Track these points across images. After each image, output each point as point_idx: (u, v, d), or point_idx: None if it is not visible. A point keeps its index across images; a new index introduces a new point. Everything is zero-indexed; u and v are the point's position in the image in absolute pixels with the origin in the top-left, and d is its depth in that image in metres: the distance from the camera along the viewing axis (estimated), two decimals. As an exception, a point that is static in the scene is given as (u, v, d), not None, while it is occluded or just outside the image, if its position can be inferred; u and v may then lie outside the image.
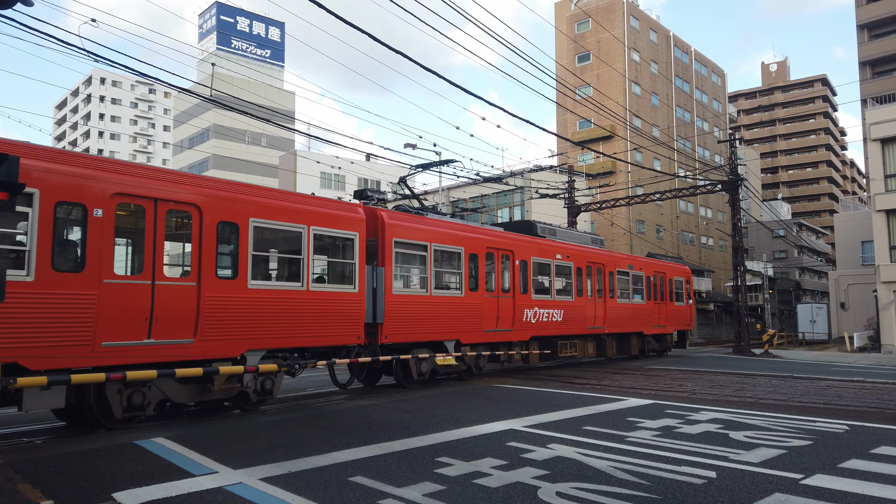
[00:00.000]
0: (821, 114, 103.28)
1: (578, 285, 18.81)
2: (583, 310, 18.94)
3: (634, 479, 6.04)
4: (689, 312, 26.22)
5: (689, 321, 26.24)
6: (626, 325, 21.40)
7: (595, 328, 19.59)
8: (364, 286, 11.86)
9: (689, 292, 26.05)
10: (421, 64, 13.23)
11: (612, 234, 56.93)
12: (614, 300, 20.53)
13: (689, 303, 26.01)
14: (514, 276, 16.00)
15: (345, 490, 5.70)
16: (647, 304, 22.70)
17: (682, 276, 25.91)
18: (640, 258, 24.16)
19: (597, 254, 20.04)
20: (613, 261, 20.81)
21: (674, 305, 24.69)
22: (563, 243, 18.58)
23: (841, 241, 49.32)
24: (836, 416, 9.84)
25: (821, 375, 17.82)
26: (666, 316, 24.03)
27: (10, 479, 6.10)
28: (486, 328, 15.07)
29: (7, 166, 5.68)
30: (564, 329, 18.04)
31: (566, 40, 65.31)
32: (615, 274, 20.66)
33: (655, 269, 23.52)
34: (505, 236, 16.26)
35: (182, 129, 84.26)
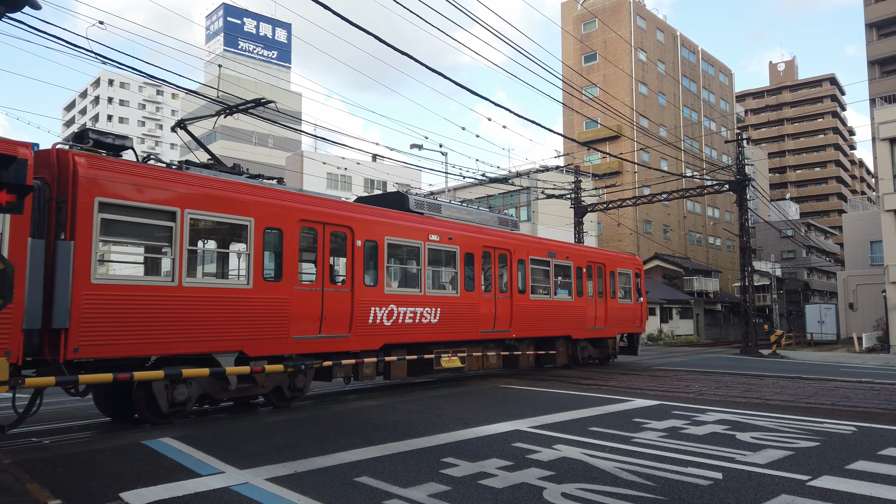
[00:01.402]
0: (829, 113, 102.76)
1: (468, 276, 14.42)
2: (474, 308, 14.48)
3: (640, 480, 6.03)
4: (639, 312, 21.70)
5: (640, 322, 21.73)
6: (545, 328, 16.97)
7: (497, 331, 15.17)
8: (26, 271, 7.55)
9: (640, 288, 21.83)
10: (426, 65, 13.26)
11: (619, 235, 56.83)
12: (525, 296, 16.19)
13: (638, 301, 21.62)
14: (352, 262, 11.61)
15: (350, 490, 5.72)
16: (576, 302, 18.12)
17: (630, 269, 21.35)
18: (568, 245, 20.19)
19: (500, 237, 15.75)
20: (525, 246, 16.45)
21: (617, 303, 20.13)
22: (445, 222, 14.22)
23: (849, 242, 49.04)
24: (844, 418, 9.78)
25: (829, 376, 17.73)
26: (606, 316, 19.48)
27: (19, 479, 6.14)
28: (300, 333, 10.62)
29: (15, 169, 5.73)
30: (443, 333, 13.61)
31: (572, 40, 65.22)
32: (527, 263, 16.30)
33: (590, 259, 19.18)
34: (337, 206, 11.77)
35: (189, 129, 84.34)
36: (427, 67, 13.34)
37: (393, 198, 14.14)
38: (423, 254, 13.24)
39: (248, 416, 10.26)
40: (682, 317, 53.72)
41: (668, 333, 49.35)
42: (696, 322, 55.69)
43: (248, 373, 9.87)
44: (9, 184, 5.66)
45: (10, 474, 6.34)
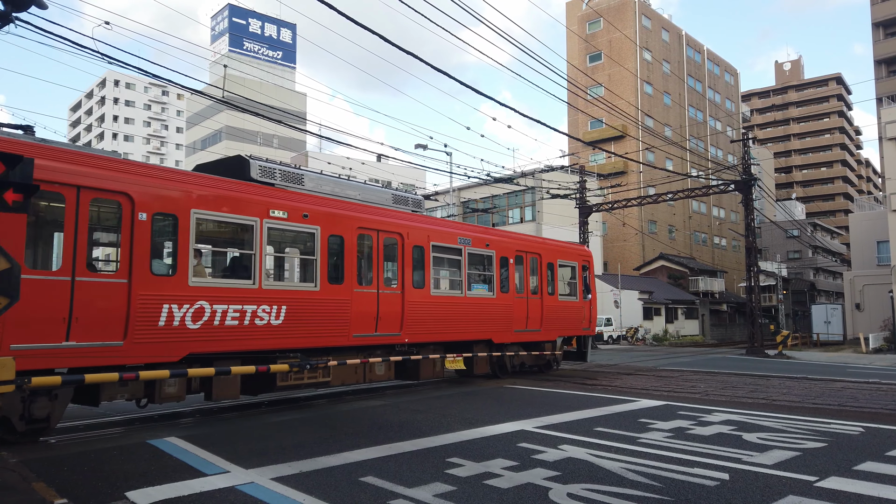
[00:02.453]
0: (835, 113, 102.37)
1: (335, 265, 11.29)
2: (343, 306, 11.18)
3: (646, 480, 6.01)
4: (587, 311, 18.28)
5: (588, 323, 18.41)
6: (454, 330, 13.81)
7: (382, 335, 12.01)
8: None
9: (589, 283, 18.42)
10: (431, 64, 13.24)
11: (624, 235, 56.74)
12: (424, 291, 12.99)
13: (586, 298, 18.19)
14: (130, 243, 8.57)
15: (355, 490, 5.71)
16: (499, 299, 14.97)
17: (575, 261, 17.98)
18: (490, 230, 17.25)
19: (388, 217, 12.58)
20: (424, 230, 13.30)
21: (556, 301, 16.92)
22: (302, 195, 11.07)
23: (856, 242, 48.84)
24: (851, 418, 9.74)
25: (835, 377, 17.65)
26: (541, 316, 16.29)
27: (26, 478, 6.16)
28: (29, 341, 7.52)
29: (22, 168, 5.75)
30: (293, 338, 10.49)
31: (577, 40, 65.15)
32: (427, 250, 13.16)
33: (520, 249, 15.94)
34: (101, 164, 8.52)
35: (195, 130, 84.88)
36: (432, 67, 13.33)
37: (230, 163, 11.06)
38: (258, 235, 10.05)
39: (253, 416, 10.27)
40: (687, 317, 53.60)
41: (673, 334, 49.24)
42: (702, 322, 55.55)
43: None
44: (16, 183, 5.67)
45: (16, 473, 6.36)
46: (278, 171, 11.12)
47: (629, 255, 58.22)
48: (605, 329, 43.43)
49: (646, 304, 48.00)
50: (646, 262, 57.66)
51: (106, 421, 9.83)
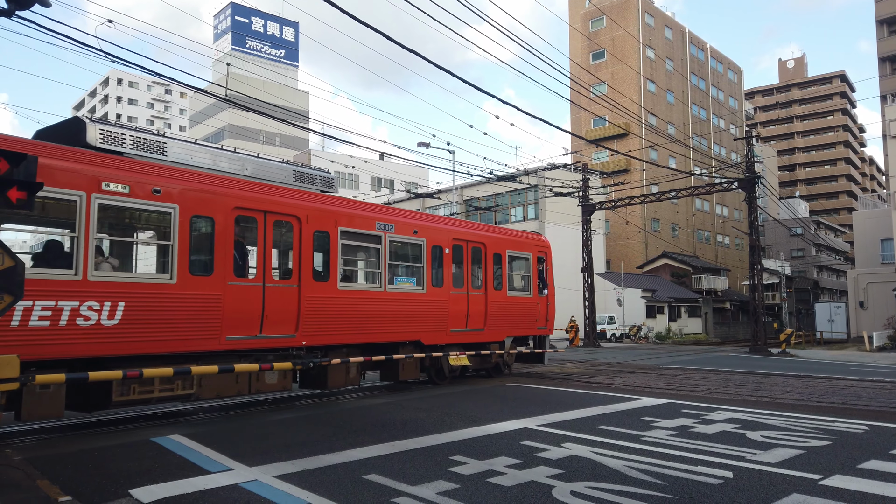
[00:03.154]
0: (839, 110, 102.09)
1: (200, 253, 9.51)
2: (211, 303, 9.29)
3: (650, 478, 6.00)
4: (543, 308, 16.36)
5: (545, 321, 16.50)
6: (372, 330, 11.87)
7: (268, 337, 10.09)
8: None
9: (546, 277, 16.58)
10: (435, 63, 13.23)
11: (627, 233, 56.68)
12: (329, 284, 11.04)
13: (541, 293, 16.33)
14: None
15: (359, 488, 5.71)
16: (430, 294, 13.16)
17: (529, 252, 16.20)
18: (420, 215, 14.69)
19: (282, 196, 10.60)
20: (330, 213, 11.27)
21: (504, 297, 15.14)
22: (160, 167, 9.13)
23: (860, 240, 48.73)
24: (855, 417, 9.71)
25: (839, 375, 17.61)
26: (486, 313, 14.51)
27: (30, 476, 6.18)
28: None
29: (26, 166, 5.76)
30: (135, 343, 8.47)
31: (580, 38, 65.04)
32: (334, 237, 11.24)
33: (458, 237, 14.12)
34: None
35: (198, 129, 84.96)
36: (435, 65, 13.32)
37: (66, 127, 9.13)
38: (83, 213, 8.06)
39: (256, 414, 10.28)
40: (690, 315, 53.53)
41: (676, 332, 49.18)
42: (705, 320, 55.47)
43: None
44: (20, 181, 5.68)
45: (21, 471, 6.38)
46: (129, 138, 9.11)
47: (632, 254, 58.15)
48: (608, 327, 43.41)
49: (649, 302, 47.96)
50: (649, 261, 57.61)
51: (109, 418, 9.85)
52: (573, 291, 40.00)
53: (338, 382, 11.67)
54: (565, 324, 36.99)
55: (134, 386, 8.67)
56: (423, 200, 51.07)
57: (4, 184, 5.65)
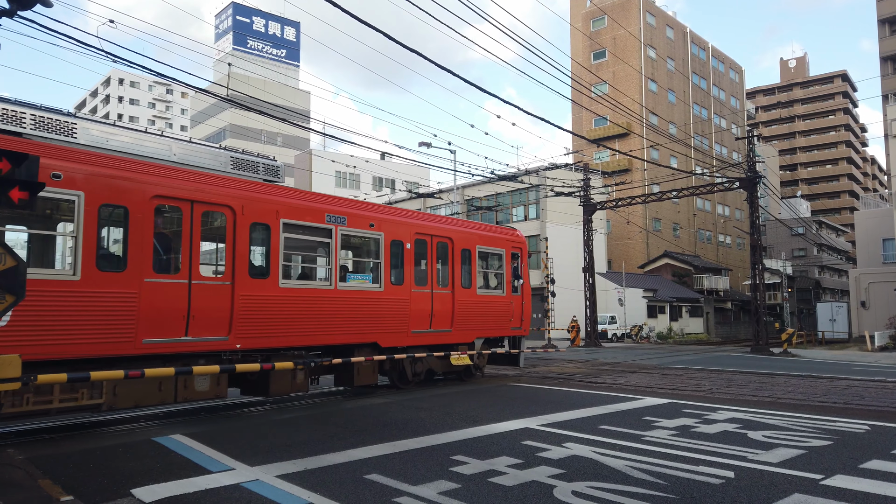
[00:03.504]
0: (841, 110, 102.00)
1: (106, 246, 8.87)
2: (122, 302, 8.43)
3: (651, 478, 6.00)
4: (517, 307, 15.41)
5: (520, 321, 15.55)
6: (318, 332, 10.92)
7: (198, 339, 9.20)
8: None
9: (521, 274, 15.64)
10: (436, 62, 13.22)
11: (629, 233, 56.64)
12: (269, 280, 10.09)
13: (516, 292, 15.43)
14: None
15: (360, 488, 5.71)
16: (388, 293, 12.14)
17: (502, 247, 15.29)
18: (378, 207, 13.14)
19: (213, 184, 9.67)
20: (272, 205, 10.32)
21: (474, 296, 14.19)
22: (58, 149, 8.19)
23: (861, 239, 48.65)
24: (857, 416, 9.70)
25: (841, 375, 17.60)
26: (451, 313, 13.56)
27: (32, 475, 6.19)
28: None
29: (28, 165, 5.76)
30: (24, 346, 7.41)
31: (582, 37, 65.02)
32: (275, 230, 10.27)
33: (422, 231, 13.17)
34: None
35: (199, 128, 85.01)
36: (436, 65, 13.32)
37: None
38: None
39: (257, 414, 10.29)
40: (691, 315, 53.50)
41: (677, 332, 49.16)
42: (706, 320, 55.44)
43: None
44: (22, 181, 5.68)
45: (22, 470, 6.39)
46: (30, 117, 8.26)
47: (633, 253, 58.14)
48: (609, 327, 43.40)
49: (650, 301, 47.94)
50: (650, 260, 57.58)
51: (111, 418, 9.86)
52: (575, 291, 39.99)
53: (282, 388, 10.61)
54: (566, 324, 37.00)
55: (28, 396, 7.74)
56: (424, 200, 51.07)
57: (6, 184, 5.66)
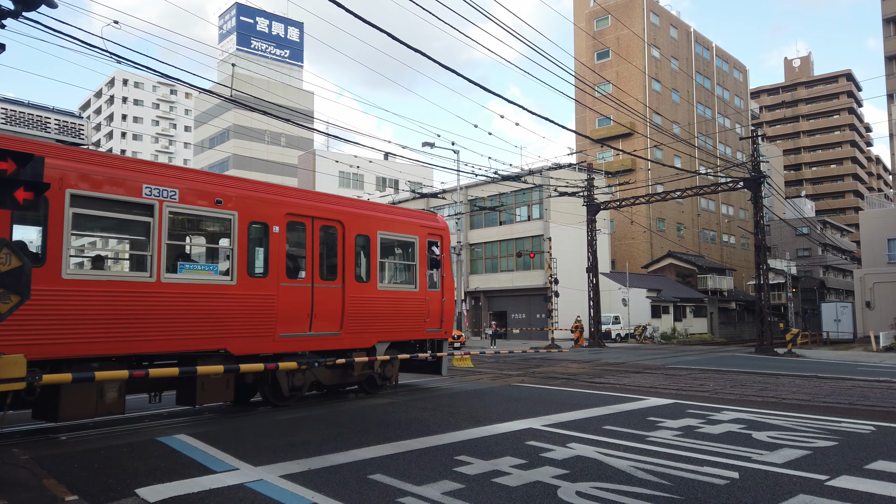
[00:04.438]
0: (845, 109, 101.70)
1: None
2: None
3: (655, 479, 5.99)
4: (436, 305, 13.32)
5: (438, 322, 13.38)
6: (133, 337, 8.51)
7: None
8: None
9: (442, 267, 13.54)
10: (439, 62, 13.22)
11: (632, 233, 56.56)
12: (50, 271, 7.78)
13: (434, 287, 13.40)
14: None
15: (364, 488, 5.71)
16: (244, 287, 9.79)
17: (413, 234, 13.02)
18: (231, 180, 10.41)
19: None
20: (57, 171, 7.85)
21: (374, 291, 11.93)
22: None
23: (866, 239, 48.49)
24: (862, 417, 9.67)
25: (846, 375, 17.54)
26: (341, 312, 11.24)
27: (36, 475, 6.21)
28: None
29: (33, 166, 5.78)
30: None
31: (585, 37, 64.95)
32: (61, 203, 7.99)
33: (296, 211, 10.73)
34: None
35: (203, 129, 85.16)
36: (440, 65, 13.31)
37: None
38: None
39: (261, 414, 10.30)
40: (695, 315, 53.39)
41: (681, 332, 49.07)
42: (710, 320, 55.32)
43: None
44: (26, 181, 5.70)
45: (27, 470, 6.40)
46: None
47: (637, 253, 58.06)
48: (612, 327, 43.37)
49: (654, 302, 47.86)
50: (654, 260, 57.49)
51: (116, 418, 9.89)
52: (578, 291, 39.97)
53: (79, 411, 8.24)
54: (570, 324, 36.98)
55: None
56: (427, 200, 51.08)
57: (11, 184, 5.68)
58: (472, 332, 46.08)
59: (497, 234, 46.95)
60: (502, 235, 46.59)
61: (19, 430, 8.79)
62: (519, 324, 45.10)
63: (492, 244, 47.53)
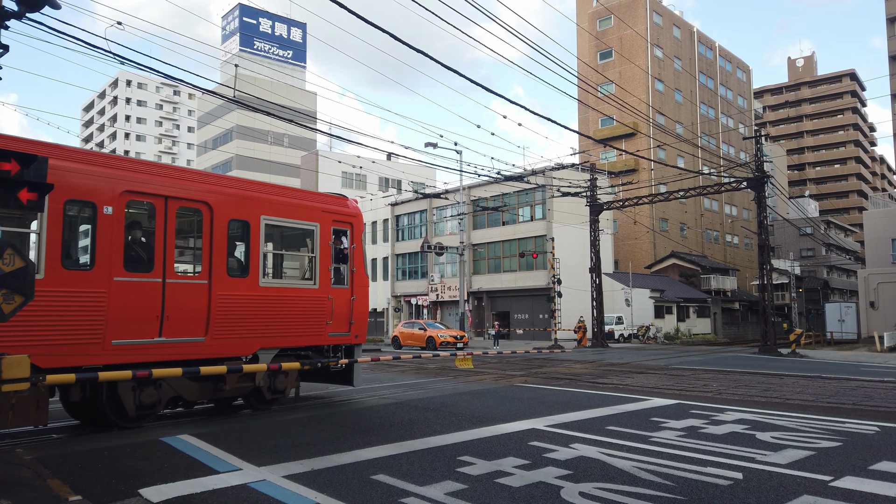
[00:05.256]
0: (849, 109, 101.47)
1: None
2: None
3: (659, 479, 5.97)
4: (344, 305, 11.36)
5: (346, 324, 11.39)
6: None
7: None
8: None
9: (352, 260, 11.59)
10: (442, 62, 13.22)
11: (636, 233, 56.48)
12: None
13: (340, 283, 11.42)
14: None
15: (367, 488, 5.71)
16: (49, 282, 7.66)
17: (313, 221, 11.04)
18: (50, 147, 8.06)
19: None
20: None
21: (254, 287, 9.99)
22: None
23: (870, 239, 48.36)
24: (866, 417, 9.64)
25: (850, 376, 17.49)
26: (206, 313, 9.35)
27: (40, 475, 6.22)
28: None
29: (36, 167, 5.79)
30: None
31: (588, 37, 64.90)
32: None
33: (137, 188, 8.77)
34: None
35: (206, 129, 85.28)
36: (442, 65, 13.32)
37: None
38: None
39: (264, 414, 10.31)
40: (699, 315, 53.30)
41: (684, 332, 49.00)
42: (714, 321, 55.23)
43: None
44: (30, 182, 5.71)
45: (31, 470, 6.42)
46: None
47: (640, 254, 57.99)
48: (616, 328, 43.32)
49: (657, 302, 47.80)
50: (657, 261, 57.41)
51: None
52: (581, 292, 39.93)
53: None
54: (573, 324, 36.95)
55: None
56: (430, 201, 51.09)
57: (15, 185, 5.69)
58: (475, 332, 46.08)
59: (500, 235, 46.94)
60: (505, 236, 46.58)
61: (23, 431, 8.80)
62: (522, 324, 45.09)
63: (495, 244, 47.52)
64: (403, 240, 54.92)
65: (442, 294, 49.63)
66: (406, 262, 54.67)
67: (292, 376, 10.94)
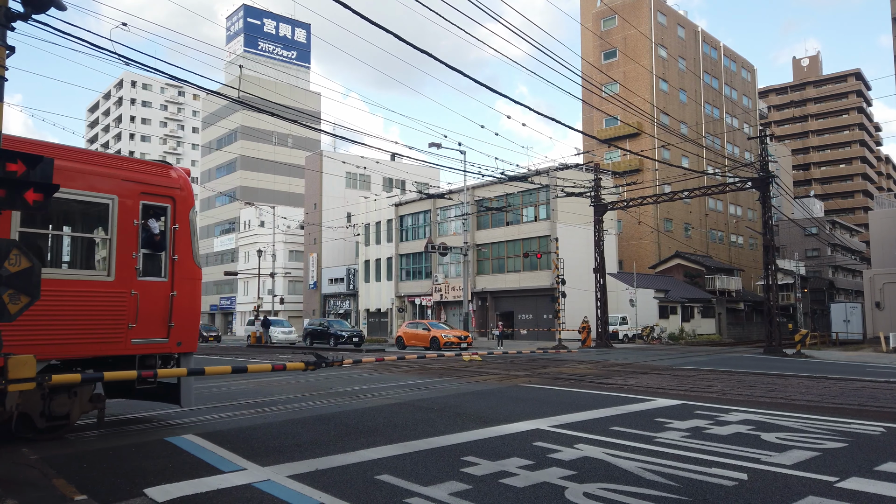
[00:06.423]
0: (854, 109, 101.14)
1: None
2: None
3: (663, 480, 5.96)
4: (159, 301, 8.70)
5: (163, 327, 8.73)
6: None
7: None
8: None
9: (174, 245, 8.92)
10: (446, 63, 13.22)
11: (640, 233, 56.39)
12: None
13: (154, 274, 8.78)
14: None
15: (371, 488, 5.72)
16: None
17: (107, 192, 8.29)
18: None
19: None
20: None
21: None
22: None
23: (876, 239, 48.18)
24: (872, 418, 9.60)
25: (855, 376, 17.43)
26: None
27: (46, 475, 6.24)
28: None
29: (42, 168, 5.81)
30: None
31: (592, 37, 64.82)
32: None
33: None
34: None
35: (210, 130, 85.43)
36: (447, 65, 13.32)
37: None
38: None
39: (268, 414, 10.33)
40: (703, 316, 53.19)
41: (689, 333, 48.88)
42: (719, 321, 55.10)
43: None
44: (36, 183, 5.73)
45: (37, 470, 6.45)
46: None
47: (645, 254, 57.89)
48: (620, 328, 43.27)
49: (661, 302, 47.72)
50: (661, 261, 57.30)
51: (124, 419, 9.93)
52: (585, 292, 39.87)
53: None
54: (577, 324, 36.90)
55: None
56: (434, 201, 51.10)
57: (21, 186, 5.71)
58: (478, 332, 46.07)
59: (504, 235, 46.93)
60: (509, 236, 46.56)
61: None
62: (526, 324, 45.06)
63: (499, 245, 47.50)
64: (407, 240, 54.96)
65: (446, 294, 49.64)
66: (410, 262, 54.71)
67: (79, 399, 8.33)
